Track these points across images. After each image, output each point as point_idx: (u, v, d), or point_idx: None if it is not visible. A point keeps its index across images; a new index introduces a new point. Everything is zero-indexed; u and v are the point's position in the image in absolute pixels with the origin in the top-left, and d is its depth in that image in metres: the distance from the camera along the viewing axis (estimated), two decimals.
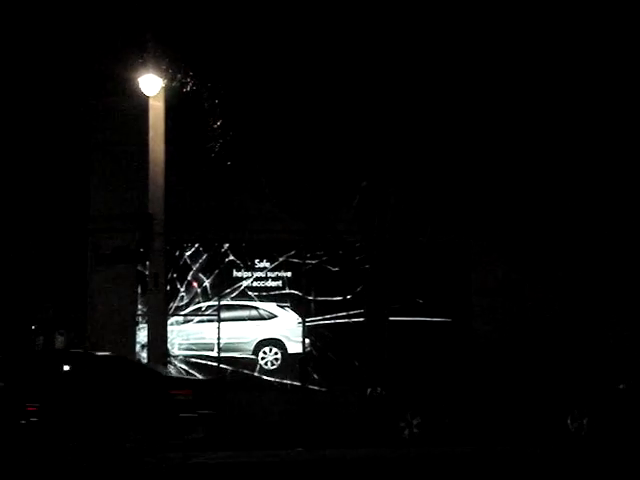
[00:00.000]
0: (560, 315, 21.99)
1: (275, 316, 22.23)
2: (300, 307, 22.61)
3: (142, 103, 18.91)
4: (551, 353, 18.56)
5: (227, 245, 22.70)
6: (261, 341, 22.62)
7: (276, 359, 22.46)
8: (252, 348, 22.61)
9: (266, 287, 22.71)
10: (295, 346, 22.46)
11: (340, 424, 20.05)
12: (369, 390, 18.69)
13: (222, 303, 22.61)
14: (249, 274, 22.75)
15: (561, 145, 18.54)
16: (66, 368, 16.25)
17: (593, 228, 21.34)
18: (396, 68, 17.68)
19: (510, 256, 22.16)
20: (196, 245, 22.66)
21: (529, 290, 22.17)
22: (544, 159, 18.85)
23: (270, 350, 22.54)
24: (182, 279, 22.57)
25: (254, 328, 22.64)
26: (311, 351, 22.54)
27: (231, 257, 22.73)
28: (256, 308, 22.66)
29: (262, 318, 22.62)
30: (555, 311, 22.03)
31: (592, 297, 22.09)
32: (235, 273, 22.76)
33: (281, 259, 22.76)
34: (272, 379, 22.44)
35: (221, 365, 22.53)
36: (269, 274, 22.78)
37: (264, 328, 22.62)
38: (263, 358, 22.57)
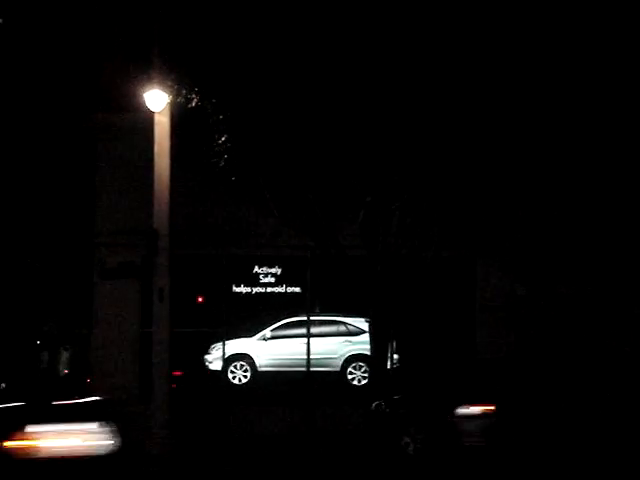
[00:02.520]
0: (565, 331, 21.96)
1: (364, 332, 21.97)
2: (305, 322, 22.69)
3: (147, 119, 18.96)
4: (556, 369, 18.48)
5: (231, 260, 22.72)
6: (350, 357, 22.53)
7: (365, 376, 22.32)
8: (340, 364, 22.53)
9: (270, 302, 22.73)
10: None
11: (344, 439, 20.04)
12: (374, 405, 18.66)
13: (311, 318, 22.54)
14: (253, 289, 22.77)
15: (564, 159, 18.53)
16: None
17: (599, 243, 21.32)
18: (401, 83, 17.70)
19: (515, 272, 22.16)
20: (200, 260, 22.69)
21: (533, 306, 22.16)
22: (549, 174, 18.85)
23: (359, 367, 22.46)
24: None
25: (342, 344, 22.56)
26: None
27: (235, 272, 22.76)
28: (344, 323, 22.61)
29: (350, 334, 22.56)
30: (559, 327, 22.01)
31: (597, 313, 22.06)
32: (239, 288, 22.78)
33: (285, 274, 22.78)
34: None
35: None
36: (273, 289, 22.80)
37: (352, 344, 22.51)
38: (351, 374, 22.52)
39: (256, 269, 22.82)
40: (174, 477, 16.73)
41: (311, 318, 22.65)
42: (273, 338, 22.60)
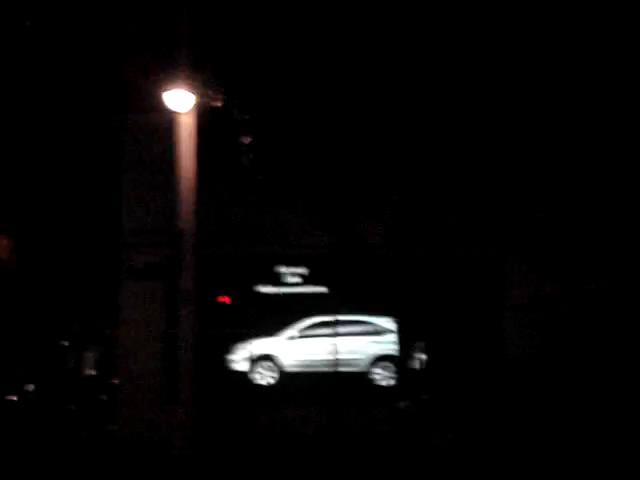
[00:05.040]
0: (596, 330, 21.79)
1: (391, 331, 21.81)
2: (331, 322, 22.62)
3: (173, 119, 18.94)
4: (588, 369, 18.33)
5: (257, 260, 22.68)
6: (377, 357, 22.51)
7: (391, 376, 22.18)
8: (367, 364, 22.53)
9: (296, 302, 22.68)
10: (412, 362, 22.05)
11: (372, 439, 19.97)
12: (402, 405, 18.57)
13: (337, 318, 22.49)
14: (280, 289, 22.72)
15: (593, 153, 18.39)
16: None
17: (627, 238, 21.16)
18: (427, 86, 17.64)
19: (542, 270, 22.00)
20: (225, 260, 22.64)
21: (563, 305, 21.98)
22: (576, 168, 18.72)
23: (386, 367, 22.38)
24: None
25: (369, 344, 22.54)
26: None
27: (262, 272, 22.71)
28: (371, 323, 22.54)
29: (377, 333, 22.49)
30: (591, 326, 21.83)
31: (629, 311, 21.88)
32: (264, 288, 22.74)
33: (311, 273, 22.71)
34: None
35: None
36: (298, 289, 22.73)
37: (380, 344, 22.49)
38: (378, 374, 22.46)
39: (282, 269, 22.76)
40: (199, 477, 16.72)
41: (337, 318, 22.56)
42: (299, 338, 22.56)
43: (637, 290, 21.92)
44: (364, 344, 22.52)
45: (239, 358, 22.56)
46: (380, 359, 22.39)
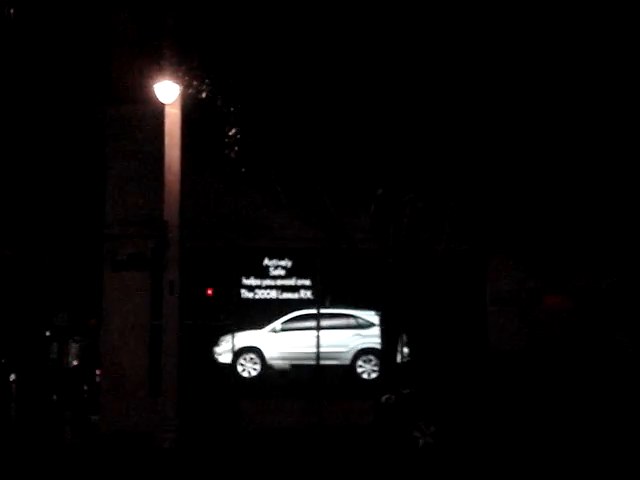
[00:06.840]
0: (577, 324, 21.92)
1: (374, 325, 21.88)
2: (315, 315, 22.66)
3: (158, 110, 18.93)
4: (569, 363, 18.41)
5: (241, 253, 22.69)
6: (360, 350, 22.52)
7: (374, 369, 22.18)
8: (350, 357, 22.52)
9: (280, 294, 22.70)
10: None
11: (354, 433, 20.02)
12: (383, 399, 18.62)
13: (321, 311, 22.50)
14: (263, 282, 22.74)
15: (580, 150, 18.44)
16: None
17: (613, 234, 21.26)
18: (413, 78, 17.64)
19: (526, 265, 22.10)
20: (210, 252, 22.64)
21: (547, 300, 22.10)
22: (562, 164, 18.77)
23: (369, 360, 22.42)
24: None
25: (353, 337, 22.55)
26: None
27: (245, 265, 22.73)
28: (355, 317, 22.59)
29: (360, 327, 22.53)
30: (572, 320, 21.96)
31: (610, 305, 22.02)
32: (249, 280, 22.75)
33: (295, 267, 22.74)
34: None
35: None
36: (283, 282, 22.76)
37: (363, 337, 22.48)
38: (361, 367, 22.50)
39: (266, 261, 22.78)
40: (184, 469, 16.75)
41: (321, 311, 22.61)
42: (283, 331, 22.60)
43: (621, 286, 22.04)
44: (347, 337, 22.58)
45: (223, 350, 22.59)
46: (363, 352, 22.46)
